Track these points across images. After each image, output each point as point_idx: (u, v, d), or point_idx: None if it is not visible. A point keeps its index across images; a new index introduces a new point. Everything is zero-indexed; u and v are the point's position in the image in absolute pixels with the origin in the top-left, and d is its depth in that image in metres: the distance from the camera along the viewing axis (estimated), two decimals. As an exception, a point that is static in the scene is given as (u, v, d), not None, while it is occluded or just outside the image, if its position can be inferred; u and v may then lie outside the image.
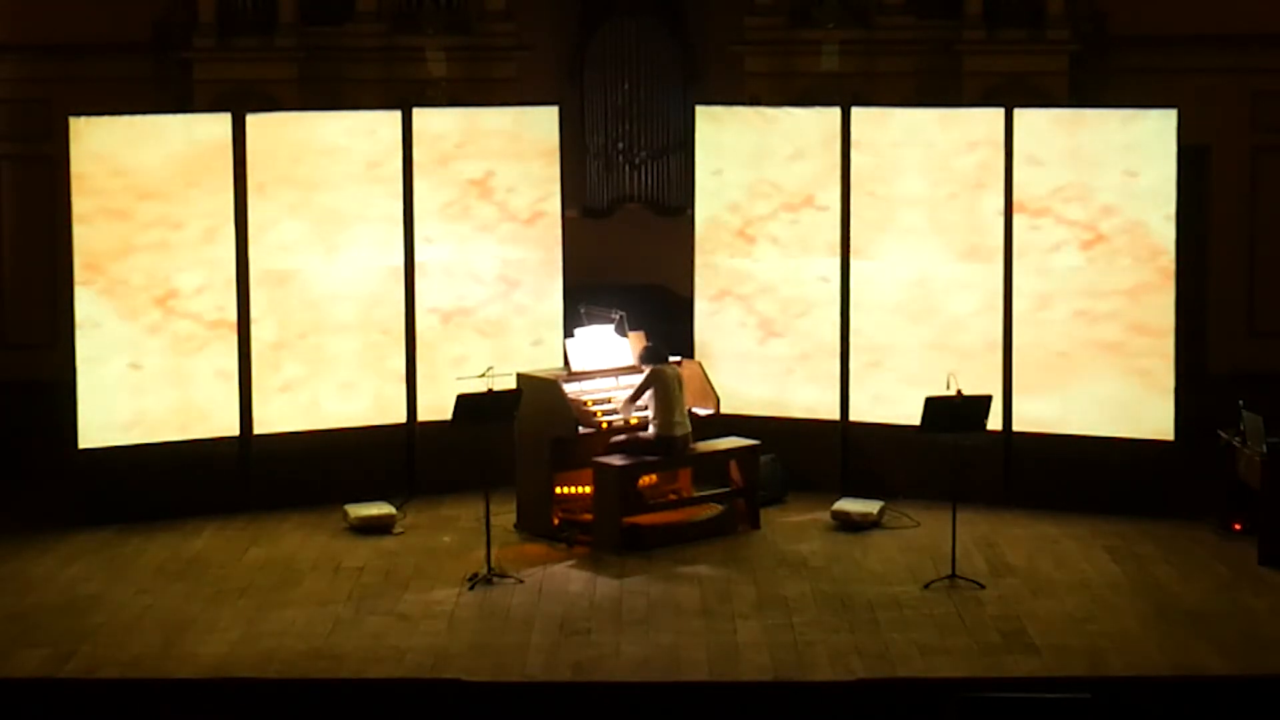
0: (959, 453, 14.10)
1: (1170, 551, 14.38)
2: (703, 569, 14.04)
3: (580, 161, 18.77)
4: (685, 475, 15.28)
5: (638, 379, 14.82)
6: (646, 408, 14.71)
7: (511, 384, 14.81)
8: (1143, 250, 15.26)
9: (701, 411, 15.19)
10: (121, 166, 15.18)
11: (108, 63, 18.33)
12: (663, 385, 14.63)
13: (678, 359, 15.27)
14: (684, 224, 17.07)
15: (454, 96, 17.98)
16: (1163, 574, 13.87)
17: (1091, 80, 18.27)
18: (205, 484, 15.43)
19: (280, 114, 15.89)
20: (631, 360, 15.14)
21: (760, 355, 16.19)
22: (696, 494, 15.21)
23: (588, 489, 14.81)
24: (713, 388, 15.39)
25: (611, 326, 15.40)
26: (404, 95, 17.51)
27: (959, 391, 13.92)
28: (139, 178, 15.24)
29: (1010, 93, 17.63)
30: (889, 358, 15.82)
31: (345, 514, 15.16)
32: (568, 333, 15.64)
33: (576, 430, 14.71)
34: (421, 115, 16.02)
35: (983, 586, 13.52)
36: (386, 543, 14.76)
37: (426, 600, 13.33)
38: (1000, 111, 15.64)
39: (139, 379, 15.29)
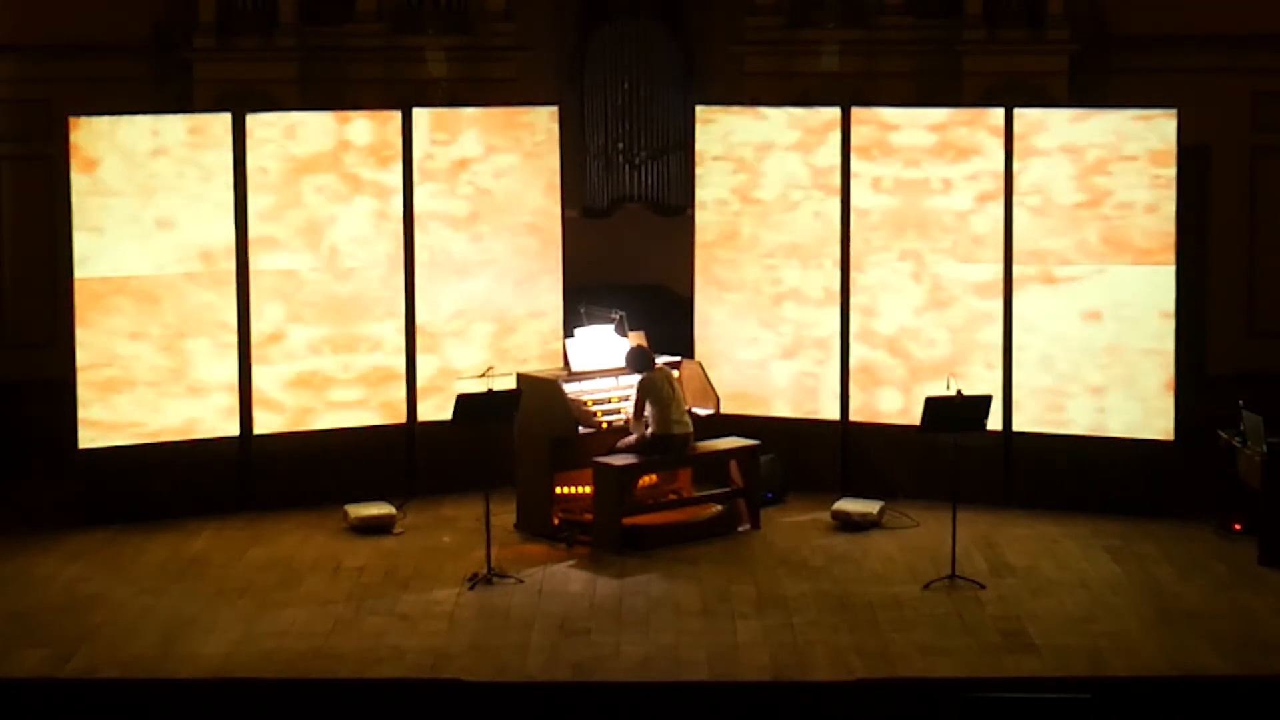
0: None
1: (1170, 551, 14.37)
2: (703, 569, 14.03)
3: (580, 161, 18.75)
4: (685, 475, 15.28)
5: (634, 379, 14.81)
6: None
7: (511, 384, 14.82)
8: (1142, 250, 15.26)
9: (701, 411, 15.18)
10: (121, 166, 15.19)
11: (108, 63, 18.30)
12: (655, 390, 14.62)
13: (676, 359, 15.26)
14: (684, 224, 17.07)
15: (454, 96, 17.97)
16: (1163, 574, 13.87)
17: (1091, 80, 18.26)
18: (205, 484, 15.43)
19: (280, 114, 15.89)
20: (630, 361, 15.17)
21: (761, 355, 16.19)
22: (696, 494, 15.21)
23: (588, 489, 14.82)
24: (713, 388, 15.38)
25: (611, 326, 15.39)
26: (404, 95, 17.51)
27: (959, 391, 13.92)
28: (138, 177, 15.25)
29: (1010, 93, 17.63)
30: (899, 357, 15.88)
31: (345, 514, 15.16)
32: (568, 333, 15.64)
33: (576, 430, 14.71)
34: (421, 115, 16.02)
35: (983, 586, 13.52)
36: (386, 543, 14.76)
37: (426, 600, 13.33)
38: (1000, 111, 15.65)
39: (137, 378, 15.29)
